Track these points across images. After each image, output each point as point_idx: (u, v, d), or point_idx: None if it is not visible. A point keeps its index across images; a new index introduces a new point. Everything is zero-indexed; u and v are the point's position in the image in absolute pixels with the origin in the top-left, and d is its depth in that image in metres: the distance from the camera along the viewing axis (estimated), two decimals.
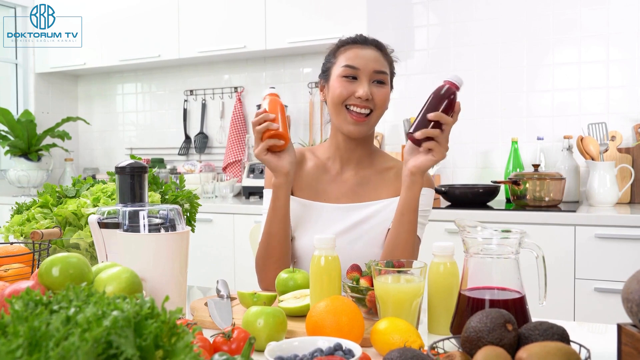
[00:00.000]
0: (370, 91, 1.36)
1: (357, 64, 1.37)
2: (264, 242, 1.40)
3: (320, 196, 1.45)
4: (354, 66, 1.36)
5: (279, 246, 1.38)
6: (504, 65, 3.04)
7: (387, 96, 1.39)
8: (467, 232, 0.91)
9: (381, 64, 1.39)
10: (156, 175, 1.48)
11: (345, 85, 1.36)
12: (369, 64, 1.37)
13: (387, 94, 1.39)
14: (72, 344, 0.46)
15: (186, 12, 3.44)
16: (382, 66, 1.38)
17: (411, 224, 1.30)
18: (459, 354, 0.71)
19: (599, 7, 2.85)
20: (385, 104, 1.40)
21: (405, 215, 1.30)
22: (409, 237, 1.30)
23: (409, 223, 1.30)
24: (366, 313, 1.06)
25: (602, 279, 2.27)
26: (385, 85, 1.39)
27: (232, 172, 3.58)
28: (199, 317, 1.10)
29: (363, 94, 1.34)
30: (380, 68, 1.38)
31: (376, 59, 1.38)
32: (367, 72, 1.36)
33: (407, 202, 1.29)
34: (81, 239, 1.27)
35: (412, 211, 1.30)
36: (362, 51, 1.39)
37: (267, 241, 1.39)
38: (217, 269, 2.96)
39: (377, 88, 1.37)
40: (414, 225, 1.31)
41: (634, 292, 0.71)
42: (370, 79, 1.37)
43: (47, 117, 4.03)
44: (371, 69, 1.37)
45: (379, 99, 1.37)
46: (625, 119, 2.82)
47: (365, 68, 1.36)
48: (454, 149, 3.14)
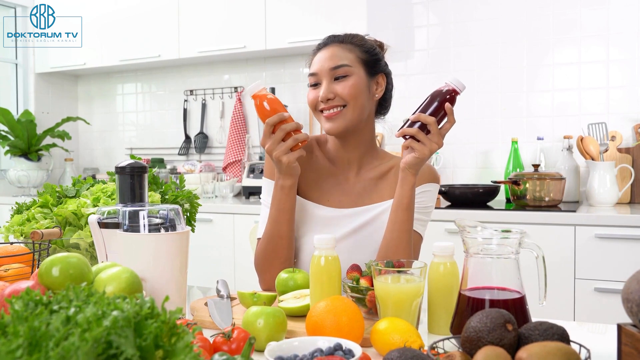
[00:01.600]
0: (332, 89, 1.35)
1: (315, 70, 1.39)
2: (268, 242, 1.37)
3: (324, 197, 1.44)
4: (314, 72, 1.39)
5: (287, 247, 1.36)
6: (504, 65, 3.04)
7: (353, 87, 1.35)
8: (467, 232, 0.91)
9: (337, 59, 1.37)
10: (156, 175, 1.48)
11: (313, 93, 1.39)
12: (324, 64, 1.37)
13: (352, 85, 1.35)
14: (72, 344, 0.46)
15: (186, 12, 3.44)
16: (337, 60, 1.36)
17: (404, 221, 1.29)
18: (459, 354, 0.71)
19: (599, 7, 2.85)
20: (356, 94, 1.36)
21: (398, 212, 1.29)
22: (402, 235, 1.29)
23: (402, 221, 1.29)
24: (366, 313, 1.06)
25: (602, 279, 2.27)
26: (349, 77, 1.36)
27: (232, 172, 3.58)
28: (199, 317, 1.10)
29: (321, 95, 1.35)
30: (335, 63, 1.36)
31: (331, 56, 1.37)
32: (324, 73, 1.37)
33: (399, 199, 1.29)
34: (81, 239, 1.27)
35: (404, 208, 1.29)
36: (319, 55, 1.40)
37: (273, 242, 1.36)
38: (217, 269, 2.96)
39: (338, 83, 1.36)
40: (408, 223, 1.30)
41: (634, 292, 0.71)
42: (330, 78, 1.36)
43: (47, 117, 4.03)
44: (327, 69, 1.36)
45: (343, 93, 1.35)
46: (625, 119, 2.82)
47: (322, 70, 1.37)
48: (454, 149, 3.14)
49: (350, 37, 1.42)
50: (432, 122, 1.22)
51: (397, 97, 1.48)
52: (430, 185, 1.40)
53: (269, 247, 1.37)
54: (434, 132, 1.23)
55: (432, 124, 1.22)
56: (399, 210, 1.29)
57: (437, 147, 1.24)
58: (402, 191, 1.29)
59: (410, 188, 1.28)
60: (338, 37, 1.42)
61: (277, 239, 1.36)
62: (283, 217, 1.35)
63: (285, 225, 1.35)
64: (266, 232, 1.38)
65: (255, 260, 1.43)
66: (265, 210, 1.44)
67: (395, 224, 1.30)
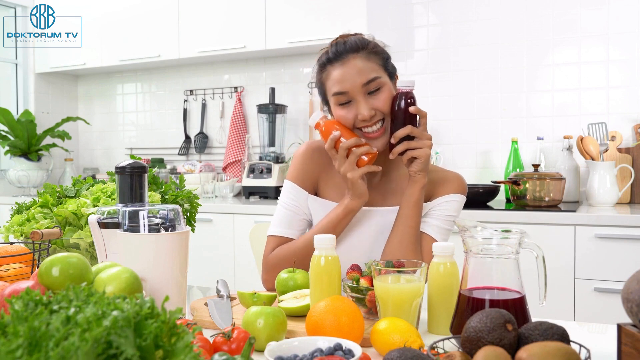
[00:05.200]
0: (371, 105, 1.30)
1: (344, 88, 1.30)
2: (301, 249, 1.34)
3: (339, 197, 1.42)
4: (343, 91, 1.30)
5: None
6: (504, 65, 3.04)
7: (389, 99, 1.31)
8: (467, 232, 0.91)
9: (367, 71, 1.30)
10: (156, 175, 1.48)
11: (346, 112, 1.31)
12: (355, 80, 1.29)
13: (387, 97, 1.31)
14: (72, 344, 0.46)
15: (186, 12, 3.44)
16: (369, 73, 1.30)
17: (410, 217, 1.31)
18: (459, 354, 0.71)
19: (599, 7, 2.85)
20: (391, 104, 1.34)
21: (405, 208, 1.32)
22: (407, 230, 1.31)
23: (408, 216, 1.31)
24: (366, 313, 1.06)
25: (602, 279, 2.27)
26: (383, 89, 1.31)
27: (232, 172, 3.58)
28: (199, 317, 1.10)
29: (366, 115, 1.29)
30: (367, 77, 1.29)
31: (360, 70, 1.29)
32: (357, 90, 1.29)
33: (408, 197, 1.32)
34: (81, 239, 1.27)
35: (412, 205, 1.31)
36: (343, 69, 1.30)
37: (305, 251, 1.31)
38: (217, 269, 2.96)
39: (375, 97, 1.30)
40: (415, 219, 1.31)
41: (634, 292, 0.71)
42: (363, 94, 1.30)
43: (47, 117, 4.03)
44: (359, 86, 1.29)
45: (384, 108, 1.31)
46: (625, 119, 2.82)
47: (354, 87, 1.29)
48: (454, 149, 3.14)
49: (361, 42, 1.34)
50: (411, 129, 1.28)
51: None
52: (457, 196, 1.40)
53: (299, 254, 1.33)
54: (417, 134, 1.28)
55: (411, 130, 1.28)
56: (406, 207, 1.32)
57: (430, 142, 1.30)
58: (412, 190, 1.32)
59: (420, 188, 1.31)
60: (351, 45, 1.32)
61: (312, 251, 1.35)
62: (333, 232, 1.32)
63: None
64: (305, 241, 1.36)
65: (271, 259, 1.39)
66: (283, 212, 1.42)
67: (400, 218, 1.32)
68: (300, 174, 1.44)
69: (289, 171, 1.47)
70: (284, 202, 1.44)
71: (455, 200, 1.39)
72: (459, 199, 1.40)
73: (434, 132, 3.16)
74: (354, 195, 1.32)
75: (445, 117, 3.16)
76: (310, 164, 1.45)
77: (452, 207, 1.39)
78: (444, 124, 3.17)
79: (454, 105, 3.15)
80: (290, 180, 1.45)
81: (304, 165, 1.45)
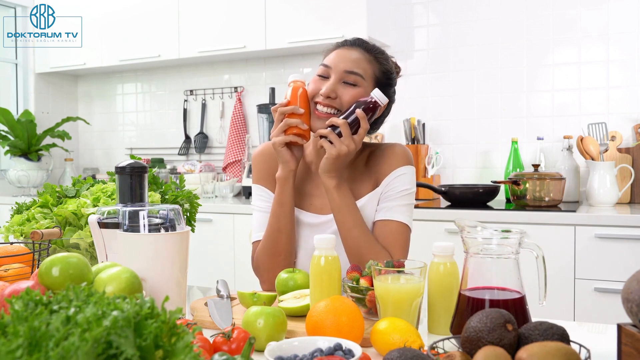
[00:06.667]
0: (337, 91, 1.32)
1: (330, 63, 1.35)
2: (270, 240, 1.37)
3: (305, 202, 1.43)
4: (327, 65, 1.35)
5: (287, 242, 1.36)
6: (504, 65, 3.04)
7: (353, 97, 1.32)
8: (467, 232, 0.91)
9: (354, 64, 1.33)
10: (156, 175, 1.48)
11: (316, 83, 1.36)
12: (340, 63, 1.33)
13: (354, 95, 1.32)
14: (72, 344, 0.46)
15: (186, 12, 3.44)
16: (354, 66, 1.33)
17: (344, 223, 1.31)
18: (459, 354, 0.71)
19: (599, 7, 2.85)
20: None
21: (335, 215, 1.32)
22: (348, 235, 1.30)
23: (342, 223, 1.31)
24: (366, 313, 1.06)
25: (602, 279, 2.27)
26: (357, 88, 1.33)
27: (232, 172, 3.58)
28: (199, 317, 1.10)
29: (324, 90, 1.32)
30: (351, 68, 1.33)
31: (352, 60, 1.34)
32: (337, 70, 1.33)
33: (331, 205, 1.33)
34: (81, 239, 1.27)
35: (337, 211, 1.32)
36: (340, 51, 1.36)
37: (274, 238, 1.36)
38: (217, 269, 2.96)
39: (345, 88, 1.33)
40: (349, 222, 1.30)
41: (634, 292, 0.71)
42: (339, 78, 1.33)
43: (47, 117, 4.03)
44: (341, 69, 1.33)
45: (344, 99, 1.32)
46: (625, 119, 2.82)
47: (336, 67, 1.33)
48: (454, 149, 3.14)
49: (376, 50, 1.39)
50: (342, 123, 1.27)
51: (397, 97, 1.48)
52: (404, 169, 1.39)
53: (269, 243, 1.37)
54: (344, 134, 1.27)
55: (341, 125, 1.27)
56: (336, 213, 1.32)
57: (347, 149, 1.27)
58: (329, 196, 1.32)
59: (332, 188, 1.31)
60: (366, 44, 1.38)
61: (276, 234, 1.36)
62: (280, 210, 1.35)
63: (283, 219, 1.35)
64: (267, 228, 1.38)
65: (255, 261, 1.42)
66: (258, 215, 1.45)
67: (338, 224, 1.33)
68: (262, 175, 1.47)
69: (252, 175, 1.49)
70: (257, 205, 1.46)
71: (405, 172, 1.38)
72: (408, 170, 1.39)
73: (434, 132, 3.17)
74: (280, 164, 1.35)
75: (445, 117, 3.16)
76: (267, 164, 1.46)
77: (405, 181, 1.38)
78: (444, 124, 3.17)
79: (454, 105, 3.15)
80: (256, 183, 1.47)
81: (262, 165, 1.47)
